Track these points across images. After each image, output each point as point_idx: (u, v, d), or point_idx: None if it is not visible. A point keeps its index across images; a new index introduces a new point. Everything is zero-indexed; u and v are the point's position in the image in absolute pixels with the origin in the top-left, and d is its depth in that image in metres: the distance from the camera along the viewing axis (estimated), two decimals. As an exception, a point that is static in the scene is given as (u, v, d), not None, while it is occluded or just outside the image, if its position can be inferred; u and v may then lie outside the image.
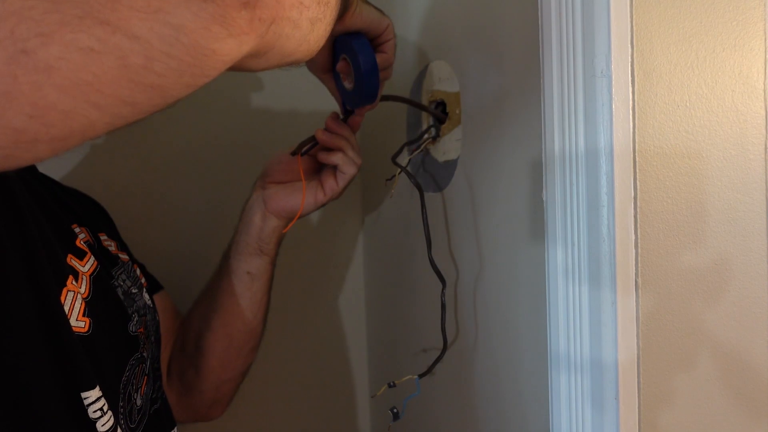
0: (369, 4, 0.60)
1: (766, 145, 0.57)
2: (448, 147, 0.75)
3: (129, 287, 0.65)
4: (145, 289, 0.69)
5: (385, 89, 0.87)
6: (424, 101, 0.79)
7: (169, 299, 0.79)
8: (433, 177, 0.78)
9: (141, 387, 0.62)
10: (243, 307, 0.73)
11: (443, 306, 0.72)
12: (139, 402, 0.61)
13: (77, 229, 0.60)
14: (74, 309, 0.52)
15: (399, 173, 0.75)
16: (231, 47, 0.32)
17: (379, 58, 0.63)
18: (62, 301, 0.51)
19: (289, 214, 0.73)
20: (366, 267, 1.04)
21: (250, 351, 0.76)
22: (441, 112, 0.75)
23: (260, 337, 0.77)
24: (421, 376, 0.72)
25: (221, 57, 0.31)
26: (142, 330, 0.64)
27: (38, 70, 0.26)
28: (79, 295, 0.53)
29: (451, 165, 0.74)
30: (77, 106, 0.28)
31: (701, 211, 0.55)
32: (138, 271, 0.70)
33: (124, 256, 0.68)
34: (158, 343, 0.69)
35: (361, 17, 0.57)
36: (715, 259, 0.55)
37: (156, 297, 0.74)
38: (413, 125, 0.82)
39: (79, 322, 0.52)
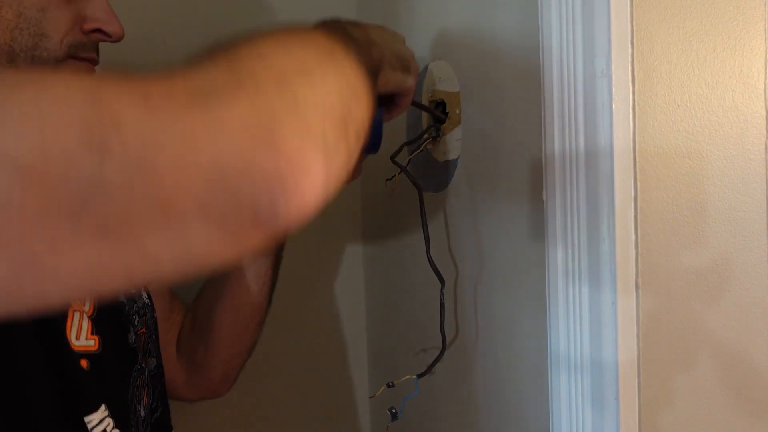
0: (396, 58, 0.58)
1: (766, 145, 0.57)
2: (448, 147, 0.75)
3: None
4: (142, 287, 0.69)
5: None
6: (424, 101, 0.79)
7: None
8: (433, 177, 0.78)
9: (143, 398, 0.62)
10: (249, 280, 0.74)
11: (442, 305, 0.72)
12: (142, 413, 0.61)
13: None
14: (82, 329, 0.53)
15: (399, 173, 0.75)
16: (240, 257, 0.33)
17: (393, 112, 0.64)
18: (69, 323, 0.51)
19: None
20: (366, 267, 1.04)
21: (257, 326, 0.78)
22: (441, 112, 0.75)
23: (266, 313, 0.78)
24: (419, 376, 0.72)
25: (228, 263, 0.33)
26: (144, 330, 0.64)
27: (45, 279, 0.27)
28: (84, 315, 0.53)
29: (451, 165, 0.74)
30: (73, 295, 0.29)
31: (701, 211, 0.55)
32: None
33: None
34: (158, 342, 0.69)
35: (386, 85, 0.57)
36: (715, 259, 0.55)
37: None
38: (413, 125, 0.82)
39: (89, 341, 0.53)
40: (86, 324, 0.53)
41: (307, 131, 0.32)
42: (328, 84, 0.36)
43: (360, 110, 0.39)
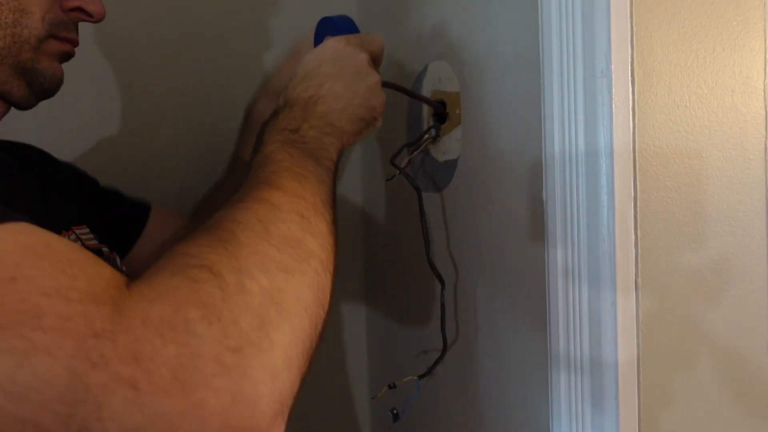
0: (356, 120, 0.59)
1: (766, 145, 0.57)
2: (448, 147, 0.75)
3: None
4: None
5: (385, 93, 0.86)
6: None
7: (164, 212, 0.78)
8: (433, 177, 0.78)
9: None
10: None
11: (443, 307, 0.72)
12: None
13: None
14: None
15: (398, 174, 0.75)
16: None
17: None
18: None
19: None
20: (366, 267, 1.04)
21: None
22: (440, 105, 0.75)
23: None
24: (421, 377, 0.72)
25: None
26: None
27: None
28: None
29: (451, 165, 0.74)
30: None
31: (701, 211, 0.55)
32: (118, 261, 0.69)
33: (105, 249, 0.67)
34: None
35: (348, 145, 0.59)
36: (714, 259, 0.55)
37: (152, 219, 0.74)
38: (413, 126, 0.82)
39: None
40: None
41: (279, 400, 0.34)
42: (302, 309, 0.38)
43: (326, 306, 0.42)
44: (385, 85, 0.73)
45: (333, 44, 0.62)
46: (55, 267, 0.31)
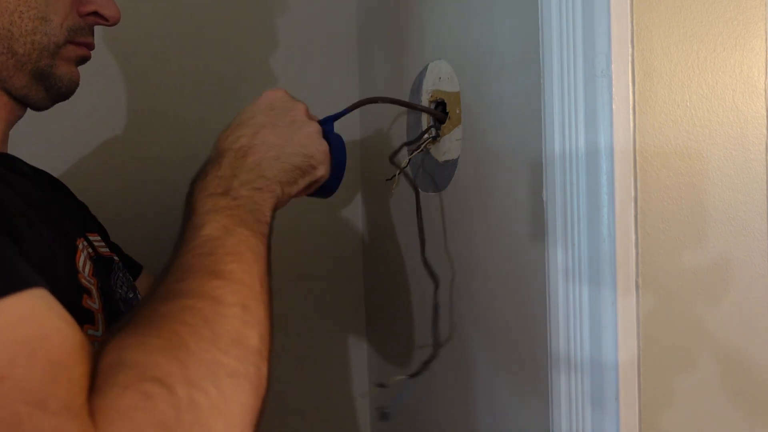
0: (291, 169, 0.58)
1: (766, 145, 0.57)
2: (448, 147, 0.74)
3: (126, 293, 0.64)
4: (137, 291, 0.68)
5: (385, 92, 0.87)
6: (424, 101, 0.79)
7: (151, 278, 0.77)
8: (432, 177, 0.78)
9: None
10: None
11: (435, 307, 0.72)
12: None
13: (81, 245, 0.58)
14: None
15: (398, 173, 0.75)
16: None
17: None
18: None
19: None
20: (366, 267, 1.04)
21: None
22: (441, 112, 0.75)
23: None
24: (412, 376, 0.71)
25: None
26: None
27: None
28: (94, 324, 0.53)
29: (450, 165, 0.74)
30: None
31: (701, 210, 0.55)
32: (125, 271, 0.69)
33: (116, 257, 0.67)
34: None
35: (291, 195, 0.58)
36: (715, 259, 0.55)
37: (140, 279, 0.74)
38: (413, 126, 0.82)
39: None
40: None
41: None
42: (244, 414, 0.40)
43: (262, 395, 0.43)
44: (382, 100, 0.74)
45: (270, 93, 0.61)
46: (44, 371, 0.33)
